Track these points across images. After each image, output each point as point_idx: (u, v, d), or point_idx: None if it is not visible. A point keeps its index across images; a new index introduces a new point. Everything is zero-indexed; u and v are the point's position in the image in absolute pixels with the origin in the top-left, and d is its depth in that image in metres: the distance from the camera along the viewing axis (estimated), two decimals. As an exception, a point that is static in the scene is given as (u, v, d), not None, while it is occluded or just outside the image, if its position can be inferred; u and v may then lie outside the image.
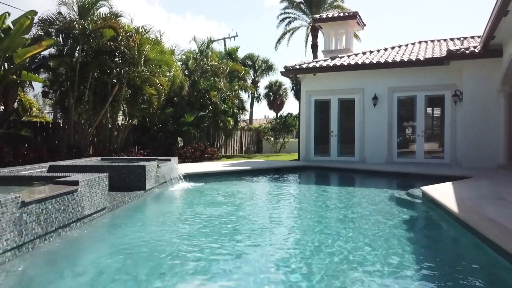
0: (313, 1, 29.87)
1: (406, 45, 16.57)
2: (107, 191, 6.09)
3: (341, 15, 17.66)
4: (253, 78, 34.45)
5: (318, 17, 17.94)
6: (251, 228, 5.67)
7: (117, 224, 5.76)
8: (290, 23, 31.99)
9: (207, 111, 19.26)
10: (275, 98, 38.34)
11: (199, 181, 9.98)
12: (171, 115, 17.51)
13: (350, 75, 14.90)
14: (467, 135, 12.68)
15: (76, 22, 12.53)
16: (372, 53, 16.00)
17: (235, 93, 22.09)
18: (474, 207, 5.50)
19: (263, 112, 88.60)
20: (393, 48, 16.41)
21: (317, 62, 15.89)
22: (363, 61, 14.51)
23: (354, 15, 16.95)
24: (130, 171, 7.93)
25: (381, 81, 14.46)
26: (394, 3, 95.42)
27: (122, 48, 13.31)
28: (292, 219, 6.49)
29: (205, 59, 19.45)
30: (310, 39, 30.51)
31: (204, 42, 20.25)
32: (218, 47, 28.52)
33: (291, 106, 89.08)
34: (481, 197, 6.46)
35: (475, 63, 12.38)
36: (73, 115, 13.27)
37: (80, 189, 5.10)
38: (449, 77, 13.34)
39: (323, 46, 17.99)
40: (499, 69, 11.72)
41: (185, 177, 9.69)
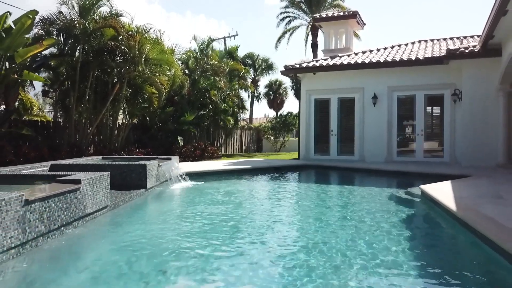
0: (313, 0, 29.84)
1: (406, 45, 16.60)
2: (109, 190, 6.15)
3: (341, 14, 17.70)
4: (253, 77, 34.48)
5: (318, 16, 17.97)
6: (251, 225, 5.73)
7: (118, 222, 5.82)
8: (290, 22, 32.02)
9: (207, 110, 19.32)
10: (275, 97, 38.38)
11: (199, 180, 10.03)
12: (172, 114, 17.56)
13: (350, 74, 14.94)
14: (466, 134, 12.73)
15: (76, 21, 12.57)
16: (372, 52, 16.04)
17: (235, 92, 22.13)
18: (472, 206, 5.55)
19: (263, 111, 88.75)
20: (393, 47, 16.45)
21: (317, 61, 15.93)
22: (363, 60, 14.55)
23: (354, 15, 16.98)
24: (131, 170, 7.99)
25: (381, 80, 14.50)
26: (394, 2, 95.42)
27: (122, 47, 13.38)
28: (292, 218, 6.54)
29: (205, 58, 19.49)
30: (310, 38, 30.52)
31: (204, 41, 20.30)
32: (218, 46, 28.53)
33: (291, 105, 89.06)
34: (479, 196, 6.51)
35: (474, 63, 12.43)
36: (74, 114, 13.33)
37: (82, 187, 5.15)
38: (448, 76, 13.39)
39: (323, 45, 18.01)
40: (498, 69, 11.76)
41: (185, 176, 9.74)
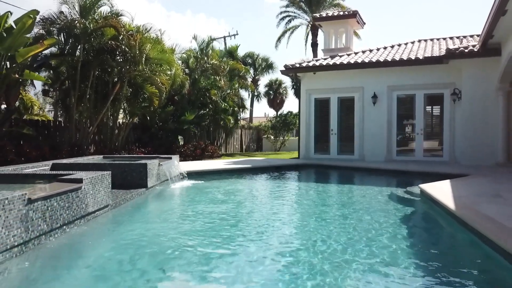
0: (313, 0, 29.89)
1: (405, 44, 16.63)
2: (110, 189, 6.20)
3: (341, 14, 17.73)
4: (253, 76, 34.50)
5: (318, 16, 18.00)
6: (251, 224, 5.77)
7: (120, 221, 5.86)
8: (290, 21, 32.08)
9: (207, 110, 19.35)
10: (275, 96, 38.41)
11: (200, 179, 10.08)
12: (172, 113, 17.60)
13: (349, 74, 14.97)
14: (466, 133, 12.78)
15: (77, 21, 12.61)
16: (371, 51, 16.07)
17: (235, 91, 22.17)
18: (470, 205, 5.59)
19: (263, 110, 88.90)
20: (393, 46, 16.48)
21: (317, 60, 15.96)
22: (363, 59, 14.59)
23: (354, 14, 17.01)
24: (132, 169, 8.03)
25: (381, 80, 14.54)
26: (394, 2, 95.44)
27: (123, 47, 13.42)
28: (292, 217, 6.59)
29: (206, 57, 19.51)
30: (310, 38, 30.57)
31: (204, 40, 20.32)
32: (218, 45, 28.51)
33: (291, 104, 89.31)
34: (478, 195, 6.55)
35: (474, 62, 12.47)
36: (74, 113, 13.38)
37: (84, 186, 5.20)
38: (448, 75, 13.42)
39: (323, 44, 18.03)
40: (497, 68, 11.80)
41: (186, 175, 9.79)
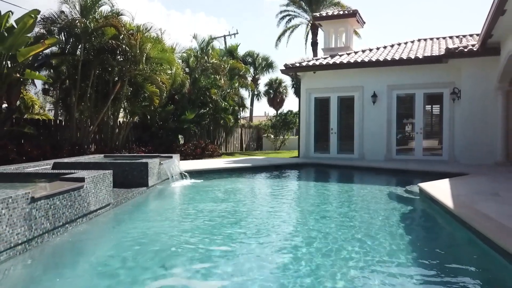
0: (313, -1, 29.89)
1: (405, 43, 16.67)
2: (111, 188, 6.25)
3: (341, 13, 17.78)
4: (253, 75, 34.51)
5: (318, 15, 18.04)
6: (252, 222, 5.82)
7: (121, 219, 5.92)
8: (290, 20, 32.06)
9: (207, 109, 19.39)
10: (275, 95, 38.42)
11: (200, 178, 10.12)
12: (172, 112, 17.64)
13: (349, 73, 15.01)
14: (465, 132, 12.82)
15: (78, 20, 12.63)
16: (371, 51, 16.11)
17: (235, 90, 22.21)
18: (468, 203, 5.65)
19: (263, 109, 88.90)
20: (393, 46, 16.52)
21: (317, 60, 16.00)
22: (363, 59, 14.63)
23: (354, 13, 17.05)
24: (133, 168, 8.08)
25: (381, 79, 14.58)
26: (394, 1, 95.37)
27: (123, 46, 13.44)
28: (292, 215, 6.63)
29: (206, 57, 19.55)
30: (310, 37, 30.56)
31: (204, 40, 20.35)
32: (218, 44, 28.52)
33: (291, 103, 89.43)
34: (476, 194, 6.60)
35: (473, 61, 12.51)
36: (75, 112, 13.42)
37: (86, 185, 5.25)
38: (447, 75, 13.46)
39: (323, 43, 18.08)
40: (497, 67, 11.84)
41: (186, 174, 9.84)
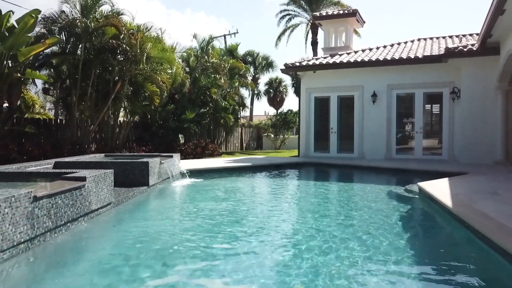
0: (313, -2, 29.90)
1: (405, 43, 16.70)
2: (112, 187, 6.28)
3: (341, 12, 17.81)
4: (253, 75, 34.54)
5: (318, 15, 18.07)
6: (252, 221, 5.85)
7: (122, 218, 5.95)
8: (290, 20, 32.10)
9: (207, 108, 19.43)
10: (275, 94, 38.43)
11: (200, 177, 10.16)
12: (173, 112, 17.68)
13: (349, 73, 15.04)
14: (464, 131, 12.86)
15: (78, 20, 12.67)
16: (371, 50, 16.14)
17: (235, 90, 22.24)
18: (467, 202, 5.68)
19: (263, 108, 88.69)
20: (392, 45, 16.55)
21: (317, 59, 16.03)
22: (363, 58, 14.66)
23: (353, 13, 17.08)
24: (133, 167, 8.11)
25: (380, 79, 14.61)
26: (393, 0, 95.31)
27: (124, 46, 13.49)
28: (292, 213, 6.67)
29: (206, 56, 19.58)
30: (310, 36, 30.60)
31: (204, 39, 20.37)
32: (218, 44, 28.53)
33: (291, 102, 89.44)
34: (475, 193, 6.63)
35: (473, 61, 12.54)
36: (75, 112, 13.45)
37: (87, 184, 5.28)
38: (447, 74, 13.49)
39: (323, 43, 18.12)
40: (496, 67, 11.87)
41: (186, 173, 9.88)
